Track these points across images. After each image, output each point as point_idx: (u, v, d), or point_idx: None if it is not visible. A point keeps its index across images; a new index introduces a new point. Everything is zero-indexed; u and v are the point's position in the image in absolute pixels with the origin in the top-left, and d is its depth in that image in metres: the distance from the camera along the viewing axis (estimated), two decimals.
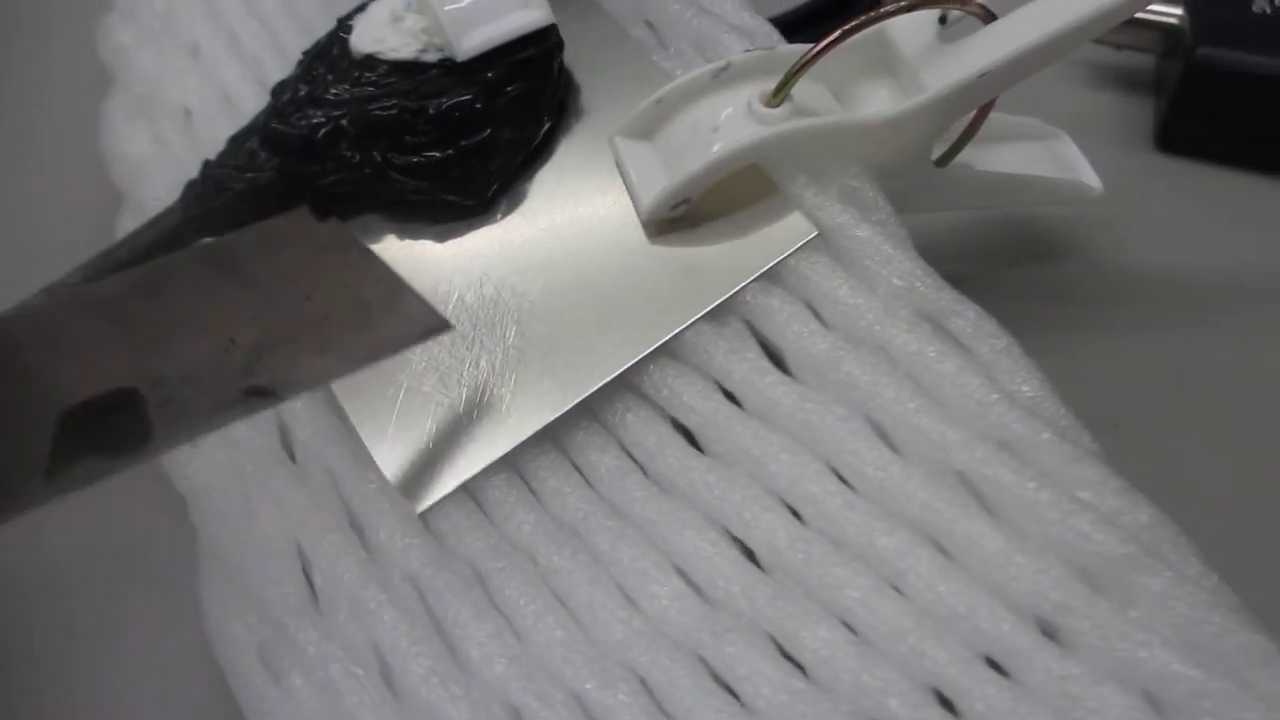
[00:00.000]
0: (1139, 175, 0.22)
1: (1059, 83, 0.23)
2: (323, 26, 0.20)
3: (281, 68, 0.21)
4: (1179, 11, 0.23)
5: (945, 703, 0.13)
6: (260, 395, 0.14)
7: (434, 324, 0.15)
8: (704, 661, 0.14)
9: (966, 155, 0.18)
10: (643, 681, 0.14)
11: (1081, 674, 0.13)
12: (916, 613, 0.13)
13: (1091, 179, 0.20)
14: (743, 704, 0.13)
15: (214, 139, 0.21)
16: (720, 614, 0.14)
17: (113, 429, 0.13)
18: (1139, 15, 0.22)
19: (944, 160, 0.18)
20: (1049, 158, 0.20)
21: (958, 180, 0.18)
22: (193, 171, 0.20)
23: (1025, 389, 0.15)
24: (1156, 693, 0.12)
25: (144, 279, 0.13)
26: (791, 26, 0.22)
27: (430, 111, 0.17)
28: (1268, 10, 0.23)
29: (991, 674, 0.13)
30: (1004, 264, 0.21)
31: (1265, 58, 0.22)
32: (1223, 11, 0.23)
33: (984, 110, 0.17)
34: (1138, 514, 0.14)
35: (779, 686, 0.13)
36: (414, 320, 0.15)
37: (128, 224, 0.20)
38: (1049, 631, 0.13)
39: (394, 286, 0.15)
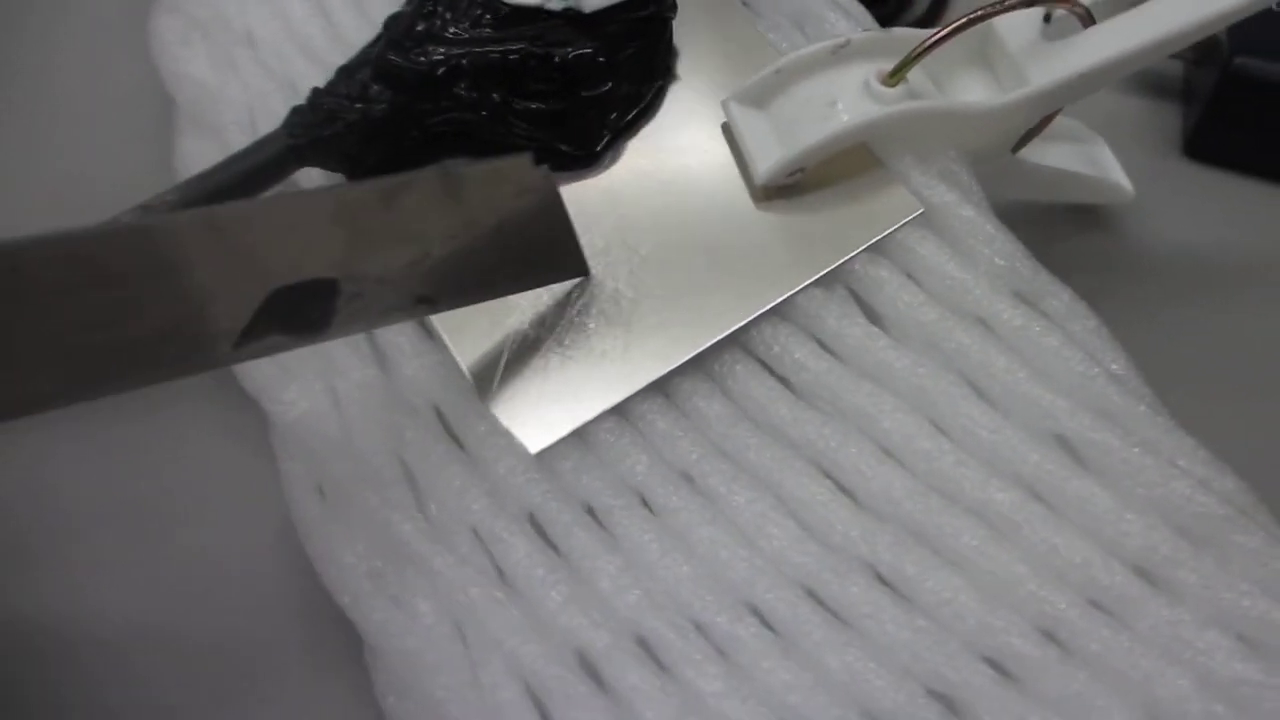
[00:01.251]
0: (1167, 181, 0.24)
1: None
2: None
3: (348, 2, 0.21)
4: None
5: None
6: (426, 303, 0.14)
7: (579, 270, 0.16)
8: (827, 600, 0.15)
9: (1026, 150, 0.20)
10: (769, 616, 0.15)
11: (1190, 620, 0.14)
12: (1033, 562, 0.14)
13: (1125, 181, 0.22)
14: (868, 640, 0.14)
15: (284, 68, 0.21)
16: (840, 557, 0.15)
17: (302, 312, 0.13)
18: None
19: (1016, 148, 0.19)
20: (1088, 159, 0.22)
21: (1023, 170, 0.20)
22: (265, 98, 0.20)
23: (1115, 366, 0.16)
24: (1257, 637, 0.14)
25: (383, 190, 0.13)
26: None
27: (556, 60, 0.17)
28: None
29: (1106, 617, 0.14)
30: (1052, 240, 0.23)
31: None
32: (1260, 21, 0.24)
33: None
34: (1225, 480, 0.15)
35: (904, 624, 0.14)
36: (566, 266, 0.16)
37: (195, 146, 0.20)
38: (1155, 582, 0.14)
39: (565, 233, 0.15)
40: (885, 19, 0.26)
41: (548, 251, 0.15)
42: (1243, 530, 0.14)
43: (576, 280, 0.17)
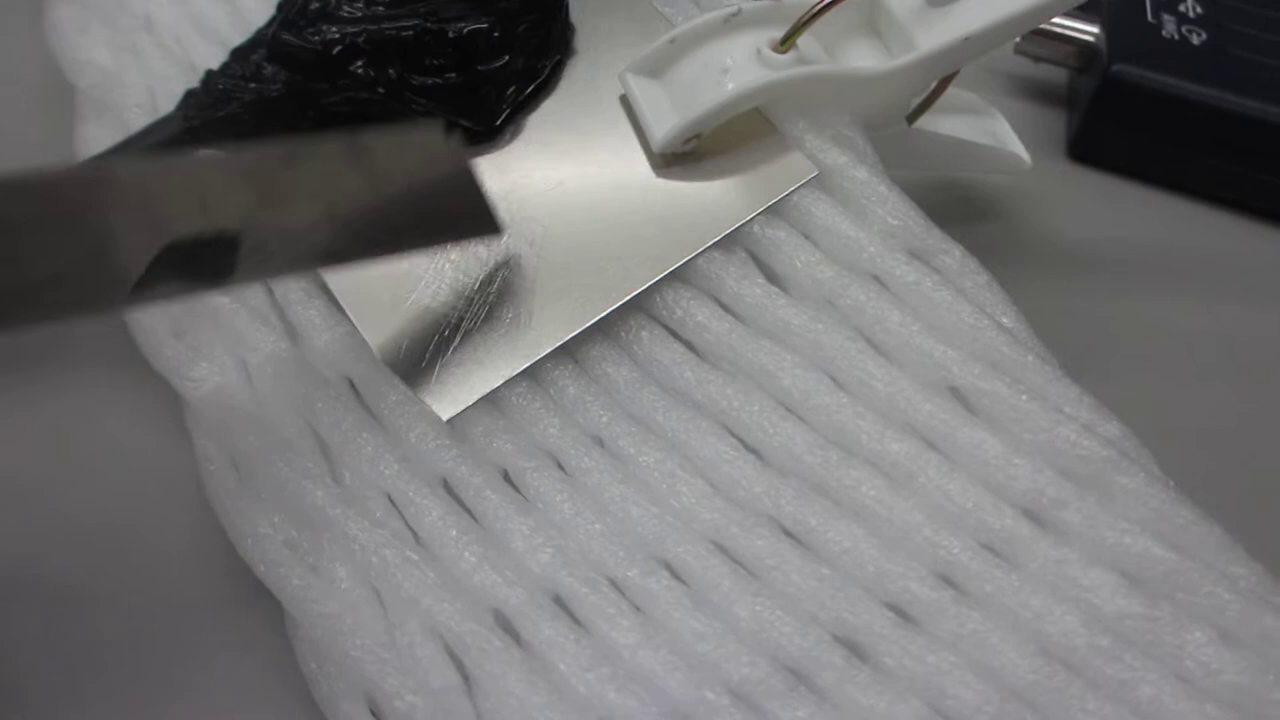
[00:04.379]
0: (1051, 180, 0.25)
1: (980, 92, 0.25)
2: None
3: None
4: (1096, 30, 0.25)
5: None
6: (334, 257, 0.14)
7: (491, 229, 0.16)
8: (734, 553, 0.15)
9: (923, 121, 0.20)
10: (679, 570, 0.15)
11: (1076, 559, 0.14)
12: (928, 509, 0.15)
13: (1022, 152, 0.22)
14: (775, 590, 0.15)
15: (184, 52, 0.21)
16: (746, 512, 0.15)
17: (203, 261, 0.13)
18: (1060, 30, 0.25)
19: (912, 118, 0.20)
20: (986, 131, 0.22)
21: (921, 140, 0.20)
22: (166, 81, 0.20)
23: (1005, 319, 0.17)
24: (1138, 573, 0.14)
25: (286, 153, 0.13)
26: None
27: (450, 35, 0.17)
28: (1175, 36, 0.26)
29: (997, 560, 0.15)
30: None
31: (1173, 79, 0.25)
32: (1137, 33, 0.26)
33: (950, 76, 0.19)
34: (1109, 426, 0.16)
35: (809, 574, 0.15)
36: (477, 226, 0.16)
37: (94, 131, 0.20)
38: (1043, 524, 0.15)
39: (475, 195, 0.15)
40: None
41: (458, 212, 0.16)
42: (1125, 472, 0.15)
43: (483, 251, 0.17)
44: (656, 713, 0.14)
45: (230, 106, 0.17)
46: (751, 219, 0.17)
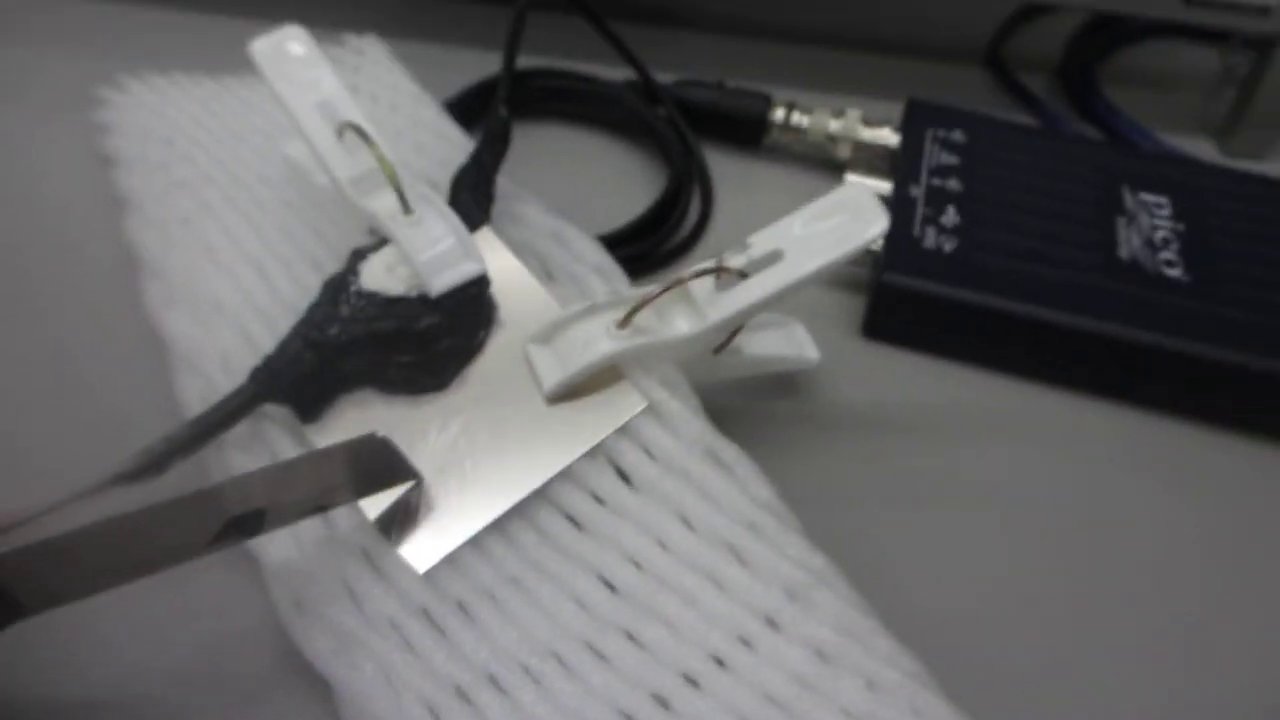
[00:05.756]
0: (848, 355, 0.35)
1: None
2: (307, 257, 0.31)
3: (282, 275, 0.32)
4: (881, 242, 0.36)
5: None
6: (320, 509, 0.25)
7: (412, 476, 0.26)
8: (600, 652, 0.25)
9: (736, 340, 0.31)
10: (562, 660, 0.25)
11: (789, 648, 0.25)
12: (680, 618, 0.25)
13: (812, 353, 0.33)
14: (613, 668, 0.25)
15: (244, 325, 0.31)
16: (601, 624, 0.25)
17: (246, 527, 0.24)
18: None
19: (718, 351, 0.30)
20: (786, 337, 0.33)
21: (727, 362, 0.31)
22: (237, 351, 0.30)
23: (763, 493, 0.27)
24: (833, 657, 0.25)
25: (287, 463, 0.24)
26: (615, 244, 0.34)
27: (415, 329, 0.28)
28: (934, 246, 0.36)
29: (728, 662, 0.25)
30: (754, 404, 0.34)
31: (929, 282, 0.35)
32: (905, 244, 0.36)
33: (739, 327, 0.30)
34: (815, 559, 0.26)
35: (612, 673, 0.25)
36: (403, 477, 0.26)
37: (188, 383, 0.30)
38: (776, 626, 0.25)
39: (402, 462, 0.26)
40: (657, 243, 0.37)
41: (392, 473, 0.26)
42: (828, 587, 0.25)
43: (430, 471, 0.28)
44: None
45: (282, 380, 0.28)
46: (607, 437, 0.28)
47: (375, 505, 0.27)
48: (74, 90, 0.40)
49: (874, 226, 0.27)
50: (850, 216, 0.28)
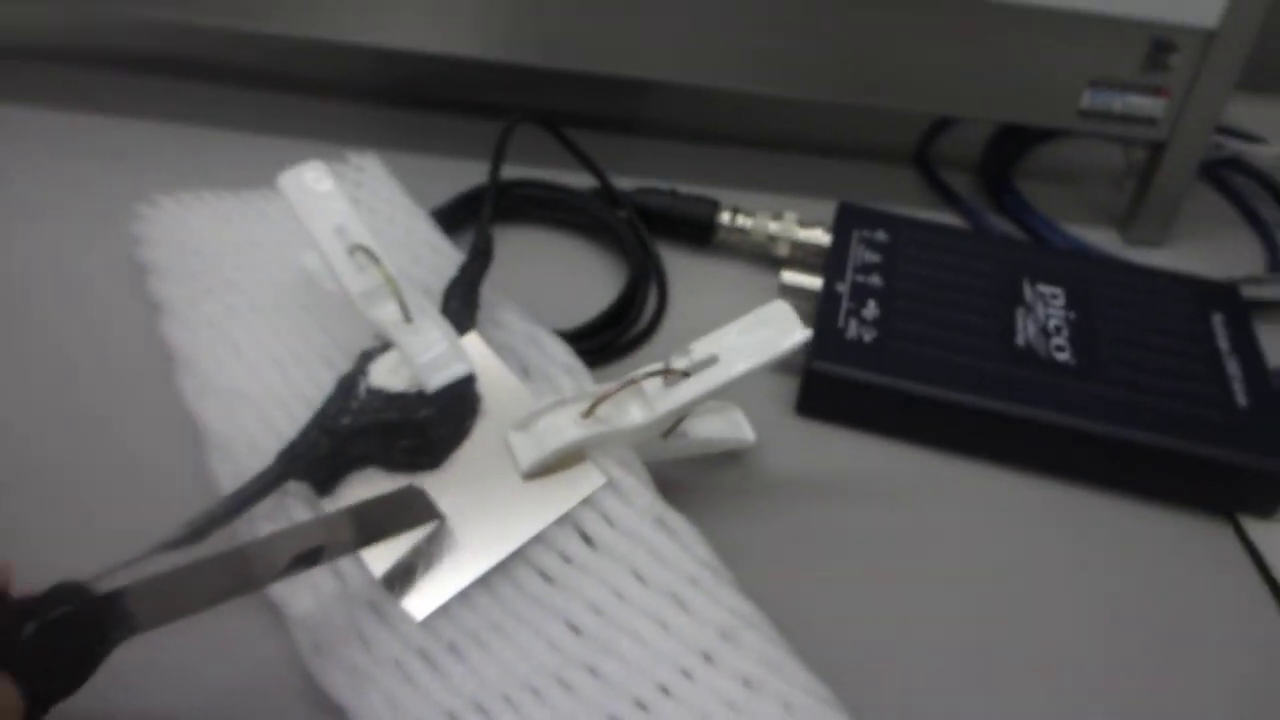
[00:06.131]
0: (783, 430, 0.42)
1: None
2: (320, 354, 0.37)
3: (299, 370, 0.38)
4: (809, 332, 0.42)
5: None
6: (361, 544, 0.31)
7: (436, 517, 0.32)
8: (566, 682, 0.31)
9: (682, 425, 0.37)
10: (536, 691, 0.31)
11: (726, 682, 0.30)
12: (635, 653, 0.31)
13: (749, 435, 0.39)
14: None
15: (267, 414, 0.37)
16: (565, 657, 0.31)
17: (308, 560, 0.29)
18: None
19: (666, 435, 0.36)
20: (726, 421, 0.39)
21: (674, 444, 0.37)
22: (261, 436, 0.36)
23: (702, 553, 0.33)
24: (758, 684, 0.30)
25: (349, 513, 0.30)
26: (584, 336, 0.40)
27: (415, 419, 0.34)
28: (855, 336, 0.43)
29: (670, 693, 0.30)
30: (699, 477, 0.40)
31: (851, 368, 0.41)
32: (831, 334, 0.42)
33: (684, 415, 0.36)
34: (744, 606, 0.32)
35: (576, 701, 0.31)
36: (429, 517, 0.32)
37: (222, 465, 0.36)
38: (712, 660, 0.31)
39: (432, 508, 0.32)
40: (620, 334, 0.43)
41: (423, 516, 0.32)
42: (752, 628, 0.31)
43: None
44: None
45: (302, 463, 0.33)
46: (573, 507, 0.33)
47: (381, 564, 0.33)
48: (115, 204, 0.46)
49: (793, 338, 0.34)
50: (774, 329, 0.34)
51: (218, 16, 0.50)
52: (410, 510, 0.33)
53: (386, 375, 0.34)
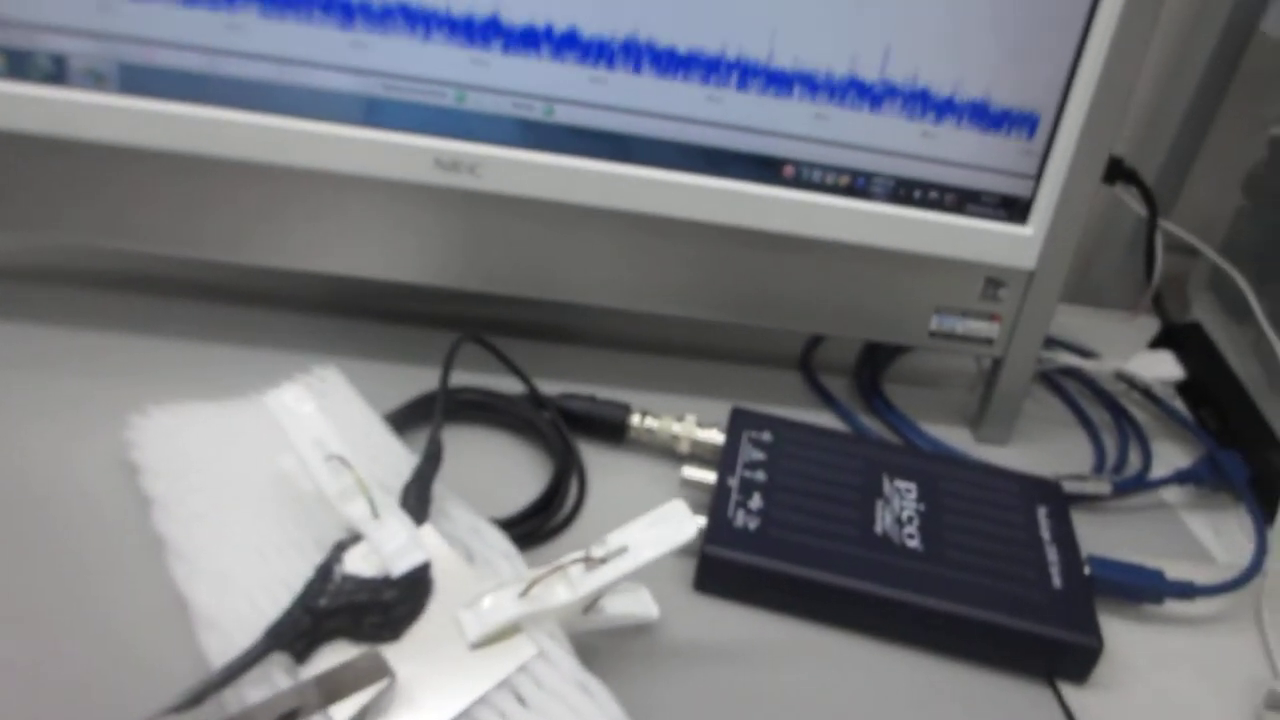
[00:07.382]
0: (680, 605, 0.50)
1: None
2: (294, 542, 0.44)
3: (278, 556, 0.45)
4: (704, 521, 0.51)
5: None
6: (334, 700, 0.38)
7: (388, 675, 0.39)
8: None
9: (599, 603, 0.44)
10: None
11: None
12: None
13: (654, 611, 0.47)
14: None
15: (250, 594, 0.44)
16: None
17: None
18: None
19: (587, 611, 0.44)
20: (635, 599, 0.47)
21: (593, 619, 0.44)
22: (247, 615, 0.43)
23: (615, 710, 0.40)
24: None
25: (322, 687, 0.37)
26: (515, 522, 0.48)
27: (381, 600, 0.41)
28: (741, 524, 0.51)
29: None
30: (613, 644, 0.47)
31: (737, 552, 0.50)
32: (721, 522, 0.51)
33: (590, 559, 0.43)
34: None
35: None
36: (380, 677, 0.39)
37: (210, 640, 0.42)
38: None
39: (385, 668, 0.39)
40: (546, 520, 0.51)
41: (378, 674, 0.39)
42: None
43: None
44: None
45: (287, 636, 0.40)
46: (509, 673, 0.41)
47: (344, 715, 0.39)
48: (109, 412, 0.53)
49: (686, 532, 0.42)
50: (672, 525, 0.42)
51: (192, 249, 0.59)
52: (365, 670, 0.40)
53: (359, 562, 0.42)
